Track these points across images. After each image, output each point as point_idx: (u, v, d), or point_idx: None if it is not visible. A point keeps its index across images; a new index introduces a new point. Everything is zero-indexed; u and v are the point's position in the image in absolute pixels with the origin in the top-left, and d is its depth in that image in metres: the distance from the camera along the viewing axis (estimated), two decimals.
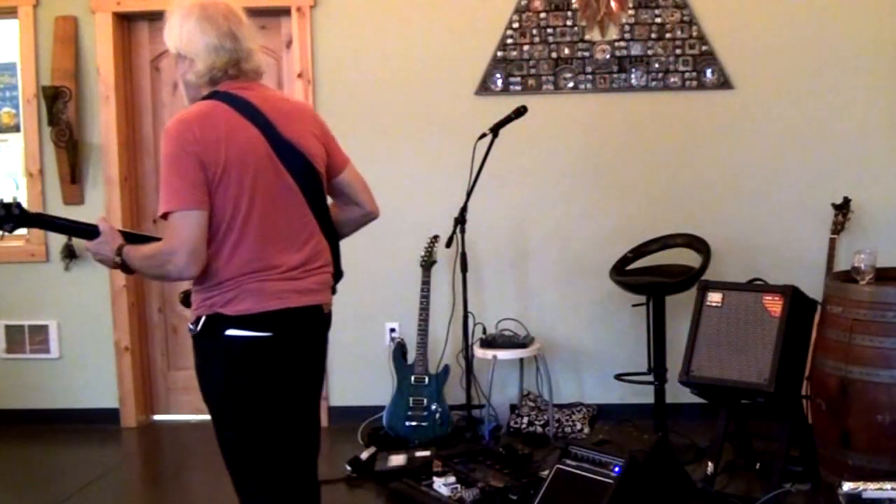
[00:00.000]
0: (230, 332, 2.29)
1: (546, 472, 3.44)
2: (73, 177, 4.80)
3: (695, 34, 4.62)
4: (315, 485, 2.64)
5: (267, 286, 2.31)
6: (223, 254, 2.28)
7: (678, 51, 4.63)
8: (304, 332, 2.42)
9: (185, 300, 2.48)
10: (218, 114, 2.29)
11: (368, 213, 2.63)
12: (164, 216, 2.24)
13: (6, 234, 2.43)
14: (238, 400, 2.34)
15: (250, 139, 2.30)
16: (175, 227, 2.21)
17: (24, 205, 2.44)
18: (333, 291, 2.55)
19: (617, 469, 3.14)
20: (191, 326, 2.37)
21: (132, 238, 2.45)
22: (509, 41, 4.69)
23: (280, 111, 2.39)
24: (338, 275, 2.58)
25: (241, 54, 2.35)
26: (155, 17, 4.90)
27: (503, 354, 4.40)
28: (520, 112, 4.19)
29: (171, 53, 2.41)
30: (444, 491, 3.62)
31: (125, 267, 2.35)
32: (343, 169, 2.56)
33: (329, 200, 2.56)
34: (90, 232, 2.39)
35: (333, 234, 2.54)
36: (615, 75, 4.67)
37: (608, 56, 4.67)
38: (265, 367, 2.34)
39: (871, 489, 2.47)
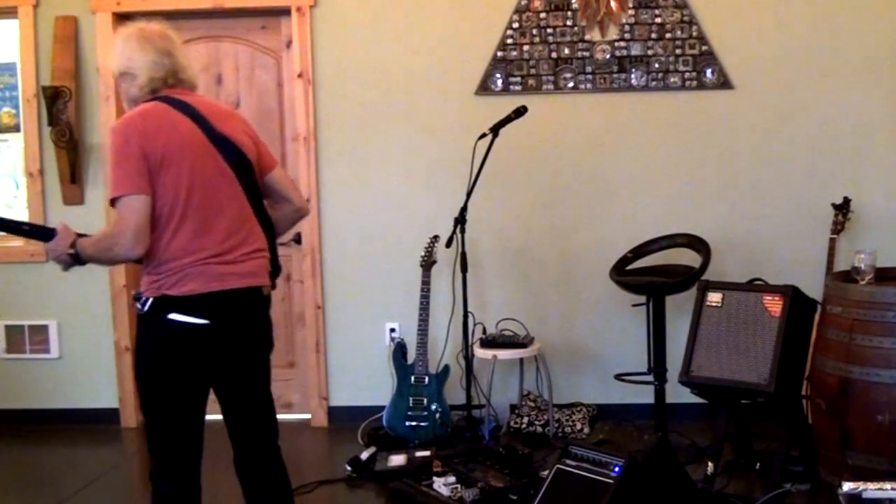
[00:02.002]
0: (172, 315, 2.51)
1: (546, 472, 3.43)
2: (73, 177, 4.80)
3: (695, 34, 4.62)
4: (278, 464, 2.79)
5: (210, 269, 2.54)
6: (166, 237, 2.51)
7: (678, 51, 4.63)
8: (244, 313, 2.64)
9: (138, 299, 2.61)
10: (158, 110, 2.56)
11: (299, 208, 2.86)
12: (112, 203, 2.48)
13: None
14: (170, 381, 2.56)
15: (188, 131, 2.56)
16: (122, 211, 2.45)
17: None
18: (273, 279, 2.75)
19: (617, 469, 3.14)
20: (138, 307, 2.56)
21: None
22: (509, 41, 4.69)
23: (213, 111, 2.68)
24: (276, 270, 2.77)
25: (178, 67, 2.66)
26: (155, 18, 4.89)
27: (503, 354, 4.40)
28: (520, 112, 4.19)
29: (114, 76, 2.70)
30: (444, 491, 3.62)
31: (77, 258, 2.54)
32: (273, 167, 2.79)
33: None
34: (48, 234, 2.56)
35: (269, 227, 2.75)
36: (615, 75, 4.67)
37: (608, 56, 4.67)
38: (201, 353, 2.56)
39: (871, 489, 2.47)
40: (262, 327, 2.74)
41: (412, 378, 4.49)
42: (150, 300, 2.53)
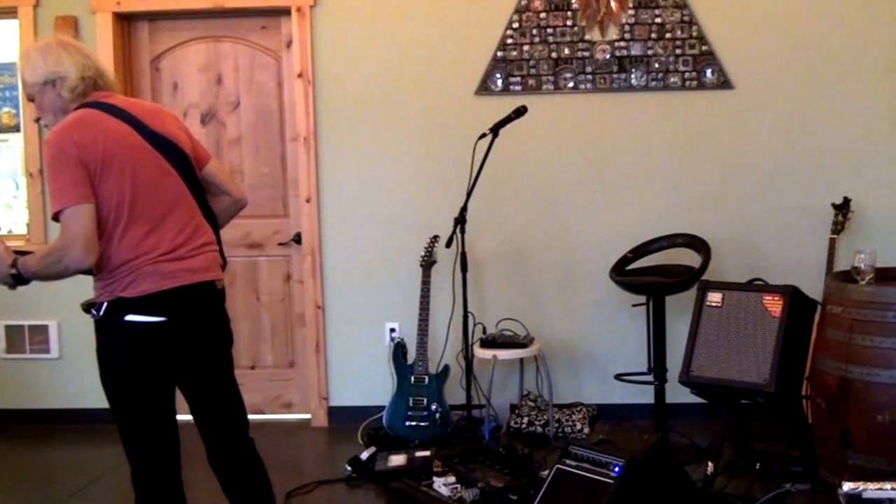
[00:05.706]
0: (129, 317, 2.50)
1: (546, 472, 3.43)
2: None
3: (695, 34, 4.62)
4: (253, 456, 2.81)
5: (161, 267, 2.53)
6: (114, 240, 2.49)
7: (678, 51, 4.63)
8: (201, 308, 2.64)
9: (87, 308, 2.60)
10: (91, 117, 2.53)
11: (237, 200, 2.85)
12: (56, 217, 2.44)
13: None
14: (134, 383, 2.57)
15: (123, 134, 2.54)
16: (67, 222, 2.42)
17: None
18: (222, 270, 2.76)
19: (617, 469, 3.14)
20: (94, 312, 2.54)
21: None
22: (509, 41, 4.69)
23: (144, 110, 2.67)
24: (223, 263, 2.76)
25: (101, 69, 2.64)
26: (155, 17, 4.90)
27: (503, 354, 4.40)
28: (520, 112, 4.19)
29: (35, 90, 2.59)
30: (444, 491, 3.62)
31: (20, 278, 2.53)
32: (208, 160, 2.79)
33: None
34: None
35: (213, 220, 2.74)
36: (615, 75, 4.67)
37: (608, 56, 4.67)
38: (161, 351, 2.55)
39: (871, 489, 2.47)
40: (219, 321, 2.73)
41: (412, 378, 4.49)
42: (105, 304, 2.52)
